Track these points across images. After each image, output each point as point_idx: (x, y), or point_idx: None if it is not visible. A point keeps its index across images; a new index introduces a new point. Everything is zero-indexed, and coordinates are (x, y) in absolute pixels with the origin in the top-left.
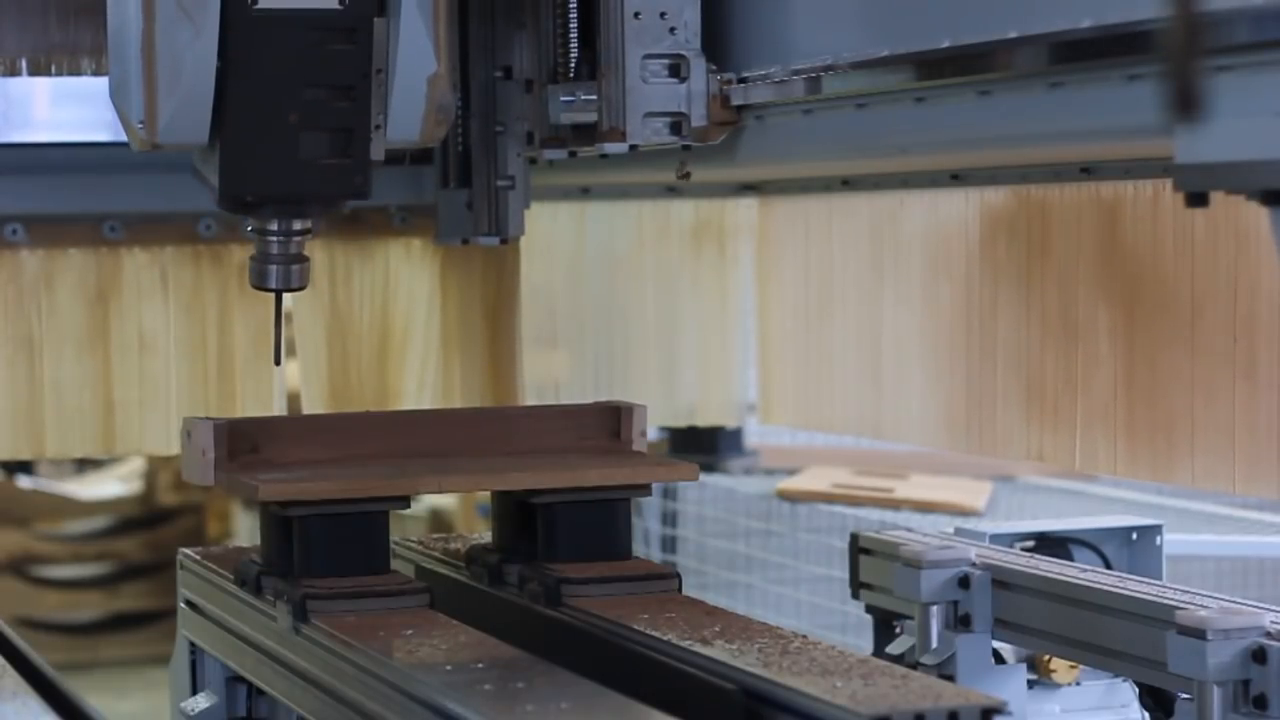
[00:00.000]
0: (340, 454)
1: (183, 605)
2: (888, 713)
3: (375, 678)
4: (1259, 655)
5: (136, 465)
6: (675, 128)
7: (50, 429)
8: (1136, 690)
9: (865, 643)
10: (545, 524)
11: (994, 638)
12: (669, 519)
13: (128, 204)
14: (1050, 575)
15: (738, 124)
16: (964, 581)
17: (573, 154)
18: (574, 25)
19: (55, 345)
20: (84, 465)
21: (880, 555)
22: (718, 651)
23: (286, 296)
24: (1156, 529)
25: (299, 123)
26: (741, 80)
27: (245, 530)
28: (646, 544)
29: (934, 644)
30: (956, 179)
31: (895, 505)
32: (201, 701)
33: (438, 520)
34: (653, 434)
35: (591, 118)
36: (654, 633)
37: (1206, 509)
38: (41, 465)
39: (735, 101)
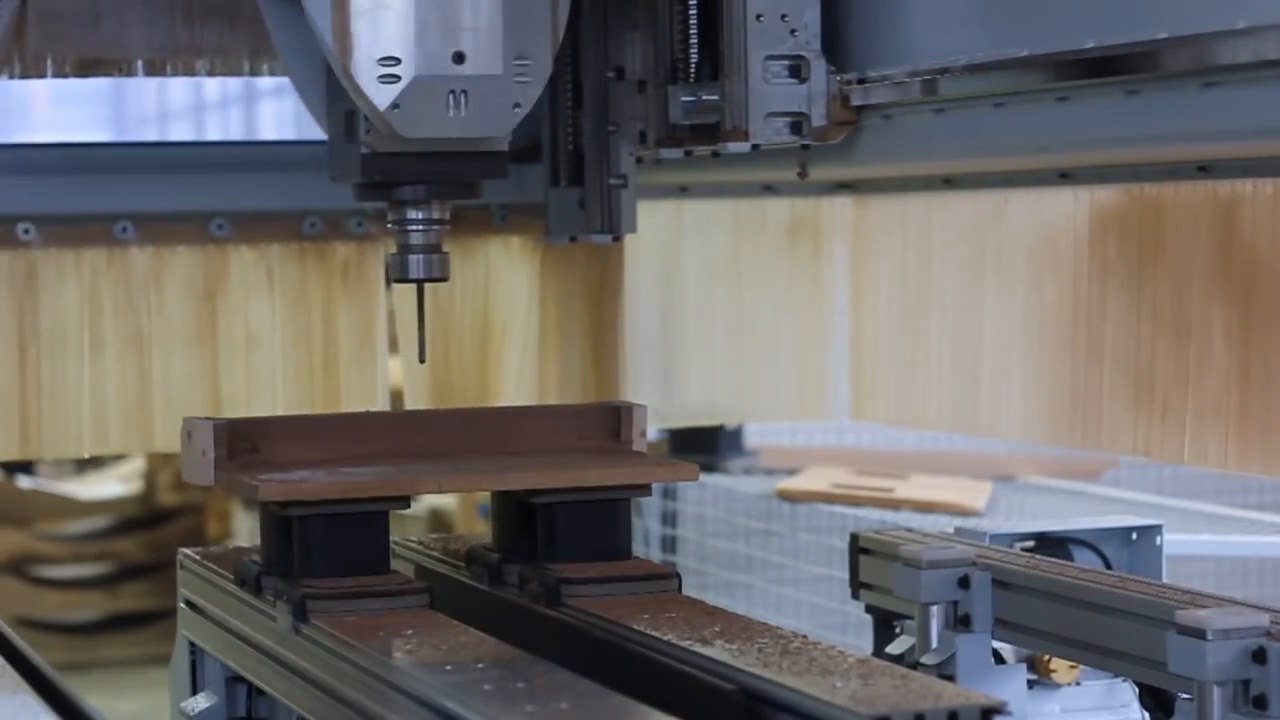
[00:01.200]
0: (340, 454)
1: (183, 605)
2: (888, 713)
3: (375, 678)
4: (1259, 655)
5: (136, 465)
6: (796, 127)
7: (159, 424)
8: (1136, 690)
9: (865, 643)
10: (545, 524)
11: (994, 638)
12: (669, 519)
13: (235, 202)
14: (1050, 575)
15: (857, 124)
16: (964, 581)
17: (688, 153)
18: (694, 27)
19: (164, 342)
20: (84, 465)
21: (880, 555)
22: (718, 651)
23: (394, 294)
24: (1156, 529)
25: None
26: (861, 81)
27: (245, 530)
28: (646, 544)
29: (934, 644)
30: (1065, 177)
31: (895, 505)
32: (201, 701)
33: (438, 520)
34: (654, 434)
35: (713, 118)
36: (654, 633)
37: (1206, 509)
38: (41, 465)
39: (855, 102)
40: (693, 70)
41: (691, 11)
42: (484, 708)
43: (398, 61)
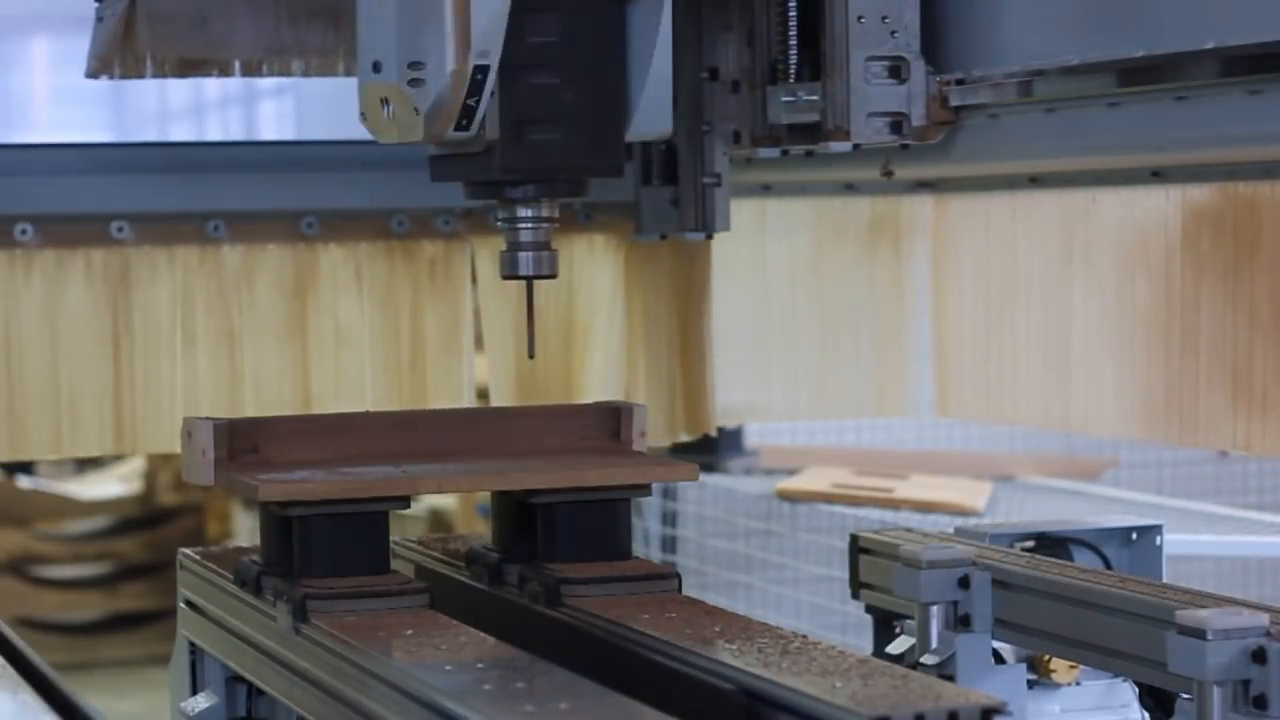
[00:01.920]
0: (340, 454)
1: (183, 605)
2: (888, 713)
3: (375, 678)
4: (1259, 655)
5: (136, 465)
6: (896, 127)
7: None
8: (1136, 690)
9: (865, 643)
10: (545, 524)
11: (994, 638)
12: (669, 519)
13: (324, 201)
14: (1050, 575)
15: (955, 124)
16: (964, 581)
17: (785, 152)
18: (794, 29)
19: (255, 339)
20: (84, 465)
21: (880, 555)
22: (718, 651)
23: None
24: (1156, 529)
25: (565, 102)
26: (960, 82)
27: (245, 530)
28: (646, 544)
29: (934, 644)
30: (1157, 176)
31: (895, 505)
32: (201, 701)
33: (438, 520)
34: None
35: (813, 117)
36: (654, 633)
37: (1206, 509)
38: (42, 465)
39: (954, 102)
40: (792, 71)
41: (791, 14)
42: (484, 708)
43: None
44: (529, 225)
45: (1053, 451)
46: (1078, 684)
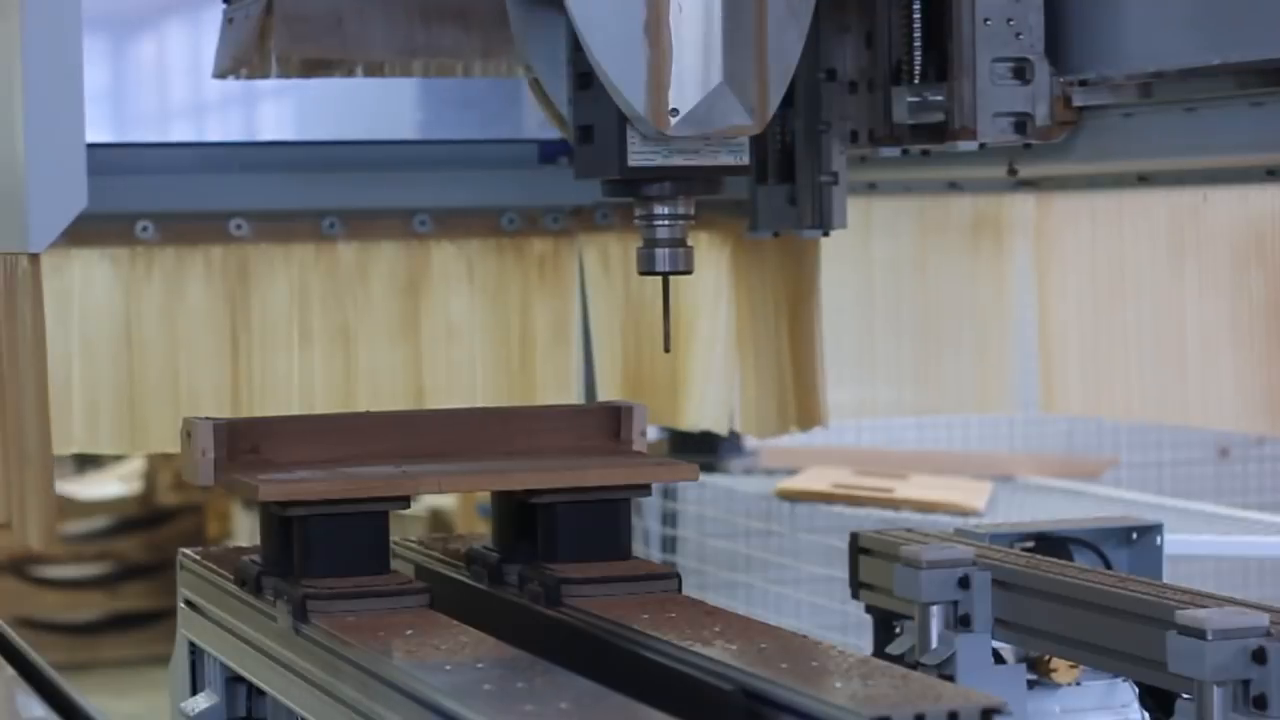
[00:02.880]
0: (340, 454)
1: (183, 605)
2: (888, 713)
3: (375, 678)
4: (1259, 655)
5: (136, 465)
6: (1020, 127)
7: None
8: (1136, 690)
9: (865, 643)
10: (545, 524)
11: (994, 638)
12: (669, 519)
13: (436, 199)
14: (1050, 575)
15: (1077, 124)
16: (964, 581)
17: (905, 151)
18: (918, 32)
19: (369, 335)
20: (84, 465)
21: (880, 555)
22: (718, 652)
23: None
24: (1156, 529)
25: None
26: (1083, 83)
27: (245, 530)
28: (646, 544)
29: (934, 644)
30: (1272, 175)
31: (895, 505)
32: (201, 701)
33: (438, 520)
34: (654, 433)
35: (938, 117)
36: (654, 633)
37: (1206, 509)
38: None
39: (1077, 103)
40: (917, 72)
41: (915, 17)
42: (484, 708)
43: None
44: (665, 222)
45: (1053, 451)
46: (1078, 684)
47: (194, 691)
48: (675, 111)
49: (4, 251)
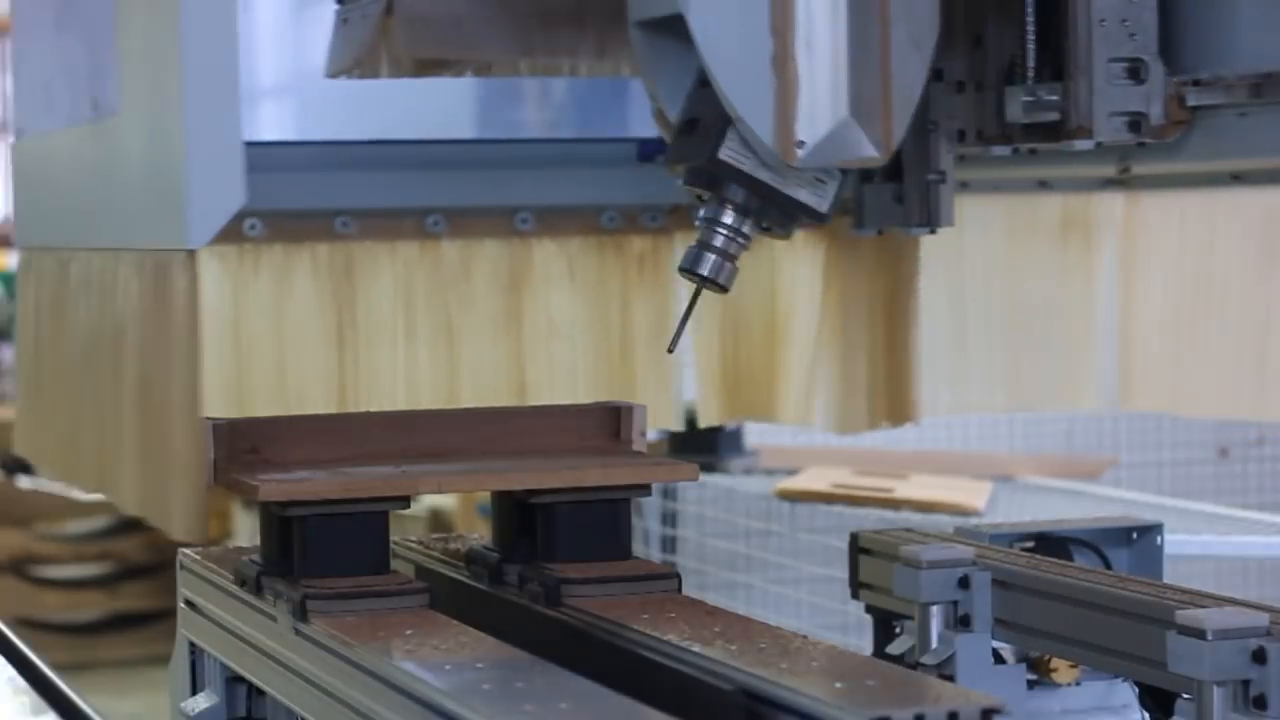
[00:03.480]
0: (340, 454)
1: (183, 605)
2: (888, 713)
3: (375, 678)
4: (1259, 655)
5: None
6: (1134, 126)
7: None
8: (1136, 690)
9: (865, 643)
10: (545, 524)
11: (994, 638)
12: (669, 519)
13: (538, 197)
14: (1050, 575)
15: (1190, 123)
16: (964, 581)
17: (1016, 150)
18: (1032, 33)
19: (472, 331)
20: None
21: (880, 555)
22: (718, 652)
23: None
24: (1156, 529)
25: None
26: (1196, 83)
27: (245, 530)
28: (646, 544)
29: (934, 644)
30: None
31: (895, 505)
32: (201, 701)
33: (438, 520)
34: (654, 434)
35: (1052, 116)
36: (654, 633)
37: (1206, 509)
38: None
39: (1191, 102)
40: (1031, 72)
41: (1029, 19)
42: (484, 708)
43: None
44: (725, 232)
45: (1053, 451)
46: (1078, 684)
47: (194, 691)
48: (802, 144)
49: (163, 248)
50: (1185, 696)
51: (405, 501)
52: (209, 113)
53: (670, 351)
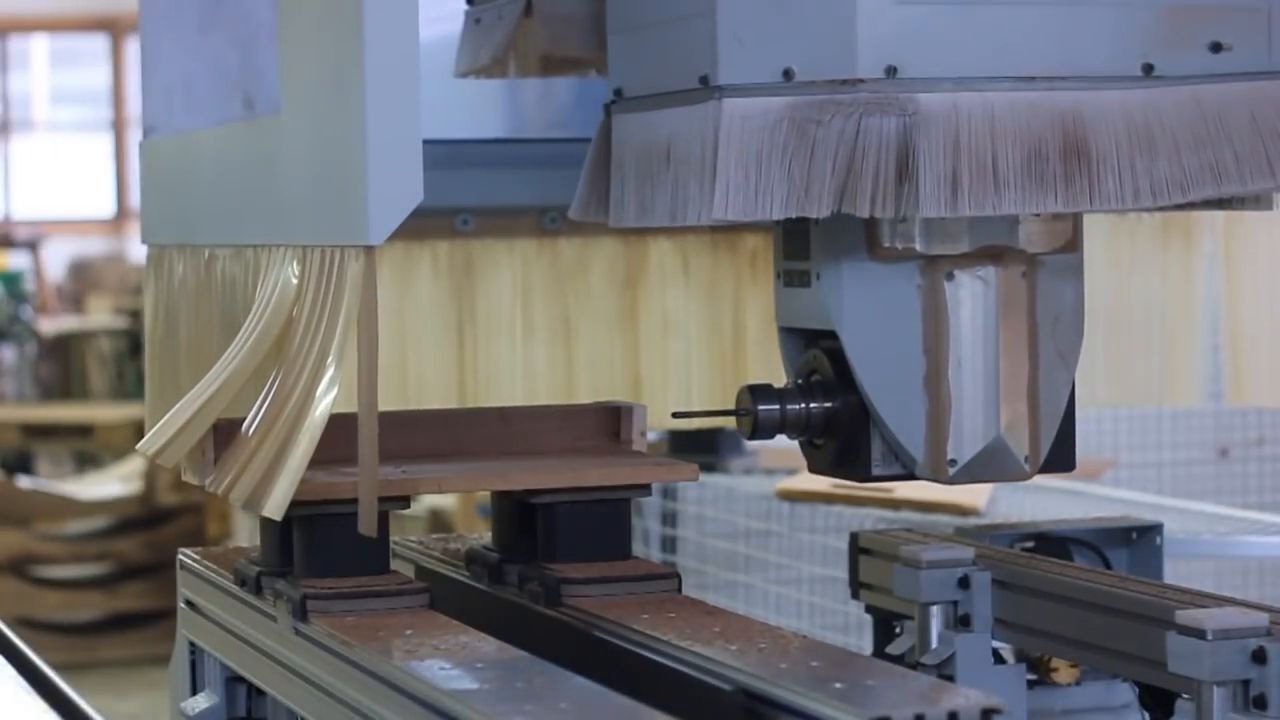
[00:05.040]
0: (340, 454)
1: (183, 605)
2: (888, 713)
3: (375, 678)
4: (1259, 655)
5: (137, 465)
6: None
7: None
8: (1136, 690)
9: (865, 643)
10: (545, 524)
11: (994, 638)
12: (669, 519)
13: None
14: (1050, 575)
15: None
16: (964, 581)
17: None
18: None
19: (589, 327)
20: (84, 465)
21: (880, 555)
22: (718, 652)
23: None
24: (1156, 529)
25: None
26: None
27: (245, 530)
28: (646, 544)
29: (934, 644)
30: None
31: (895, 505)
32: (201, 701)
33: (438, 520)
34: (654, 434)
35: None
36: (654, 633)
37: (1206, 509)
38: (41, 465)
39: None
40: None
41: None
42: (484, 708)
43: None
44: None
45: None
46: (1078, 684)
47: (194, 691)
48: (954, 462)
49: (334, 244)
50: (1185, 697)
51: (405, 501)
52: (390, 109)
53: (674, 417)
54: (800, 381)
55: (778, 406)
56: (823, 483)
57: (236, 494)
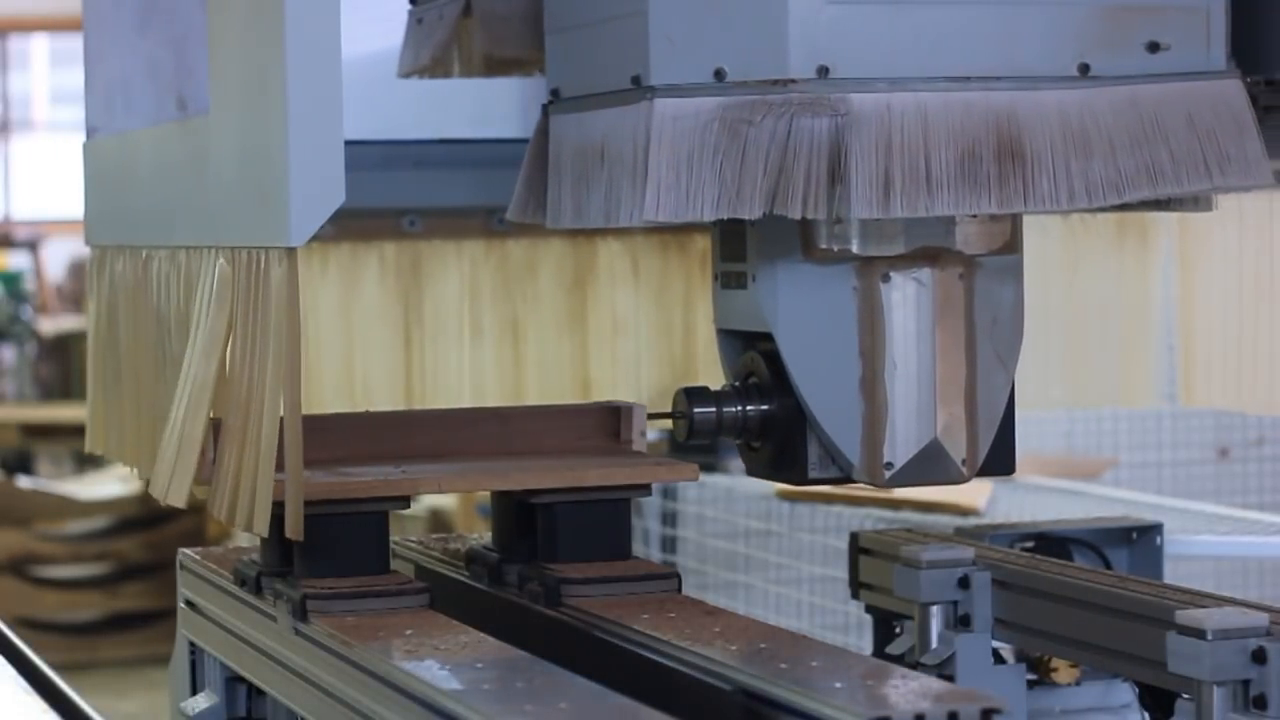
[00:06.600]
0: (340, 454)
1: (183, 605)
2: (888, 713)
3: (375, 678)
4: (1259, 655)
5: None
6: None
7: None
8: (1136, 690)
9: (865, 643)
10: (545, 524)
11: (994, 638)
12: (669, 519)
13: None
14: (1050, 575)
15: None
16: (964, 581)
17: None
18: None
19: (537, 329)
20: (84, 465)
21: (880, 555)
22: (718, 652)
23: None
24: (1156, 529)
25: None
26: (1269, 83)
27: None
28: (646, 544)
29: (934, 644)
30: None
31: (895, 505)
32: (201, 701)
33: (438, 520)
34: (654, 434)
35: None
36: (654, 633)
37: (1206, 509)
38: (41, 465)
39: (1263, 103)
40: None
41: None
42: (484, 708)
43: None
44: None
45: (1053, 451)
46: (1078, 684)
47: (194, 691)
48: (890, 465)
49: (262, 246)
50: (1185, 696)
51: (405, 501)
52: (312, 111)
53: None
54: (737, 384)
55: (713, 409)
56: None
57: (236, 519)
